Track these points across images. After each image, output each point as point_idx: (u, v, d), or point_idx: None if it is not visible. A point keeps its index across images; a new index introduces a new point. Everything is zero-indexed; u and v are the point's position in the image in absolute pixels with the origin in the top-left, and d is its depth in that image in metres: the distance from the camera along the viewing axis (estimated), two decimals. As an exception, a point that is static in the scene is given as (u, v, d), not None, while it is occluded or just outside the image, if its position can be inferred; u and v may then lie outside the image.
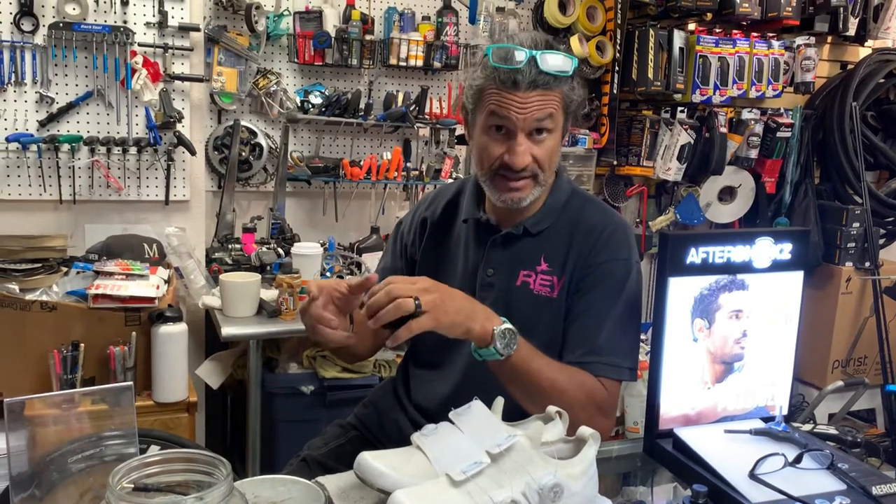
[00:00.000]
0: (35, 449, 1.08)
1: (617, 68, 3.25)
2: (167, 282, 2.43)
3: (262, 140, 2.95)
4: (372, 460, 1.03)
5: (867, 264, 3.49)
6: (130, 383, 1.15)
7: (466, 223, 1.53)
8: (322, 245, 2.71)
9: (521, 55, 1.33)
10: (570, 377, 1.34)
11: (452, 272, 1.52)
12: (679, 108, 3.33)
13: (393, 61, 3.00)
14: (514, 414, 1.14)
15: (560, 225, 1.47)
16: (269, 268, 2.68)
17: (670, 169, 3.34)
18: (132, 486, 0.84)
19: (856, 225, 3.48)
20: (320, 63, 2.94)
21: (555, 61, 1.35)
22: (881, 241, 3.64)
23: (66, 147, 2.53)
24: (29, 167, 2.53)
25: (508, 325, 1.26)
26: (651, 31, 3.18)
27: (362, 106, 3.00)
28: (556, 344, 1.41)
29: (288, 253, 2.67)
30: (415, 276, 1.44)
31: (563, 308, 1.43)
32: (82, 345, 2.15)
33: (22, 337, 2.15)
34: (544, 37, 1.42)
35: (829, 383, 2.83)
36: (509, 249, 1.48)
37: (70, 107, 2.55)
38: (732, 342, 1.35)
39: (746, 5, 3.17)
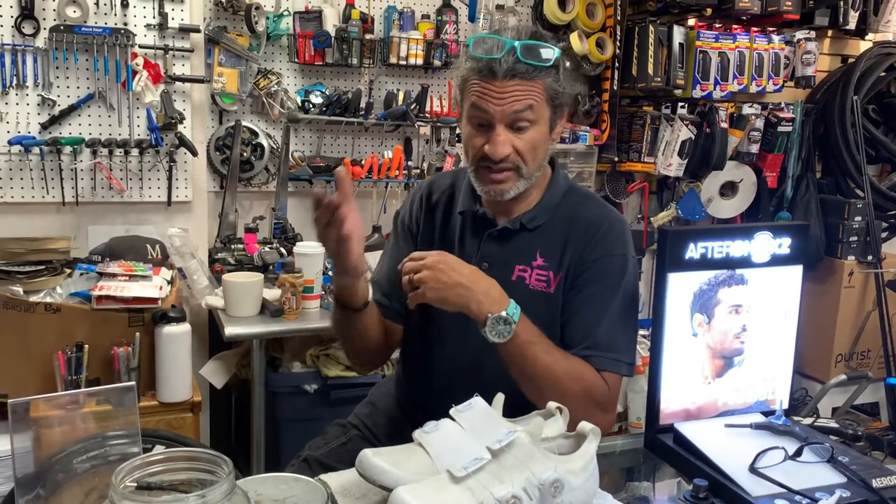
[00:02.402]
0: (40, 450, 1.09)
1: (617, 64, 3.24)
2: (170, 282, 2.44)
3: (263, 140, 2.95)
4: (373, 457, 1.04)
5: (869, 258, 3.48)
6: (133, 383, 1.16)
7: (462, 215, 1.54)
8: (324, 244, 2.71)
9: (498, 45, 1.34)
10: (570, 369, 1.35)
11: None
12: (679, 104, 3.33)
13: (393, 60, 3.01)
14: (515, 409, 1.14)
15: (556, 220, 1.48)
16: (271, 267, 2.68)
17: (671, 164, 3.34)
18: (135, 484, 0.84)
19: (858, 219, 3.47)
20: (320, 63, 2.94)
21: (534, 51, 1.35)
22: (883, 235, 3.64)
23: (68, 149, 2.54)
24: (31, 170, 2.54)
25: (504, 315, 1.29)
26: (651, 27, 3.18)
27: (363, 105, 3.00)
28: (553, 339, 1.41)
29: (290, 252, 2.68)
30: None
31: (560, 303, 1.44)
32: (86, 346, 2.16)
33: (26, 339, 2.16)
34: (531, 28, 1.42)
35: (832, 377, 2.83)
36: (505, 244, 1.48)
37: (71, 109, 2.56)
38: (732, 337, 1.36)
39: (746, 0, 3.17)
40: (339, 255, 1.36)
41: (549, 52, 1.37)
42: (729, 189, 3.59)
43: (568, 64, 1.43)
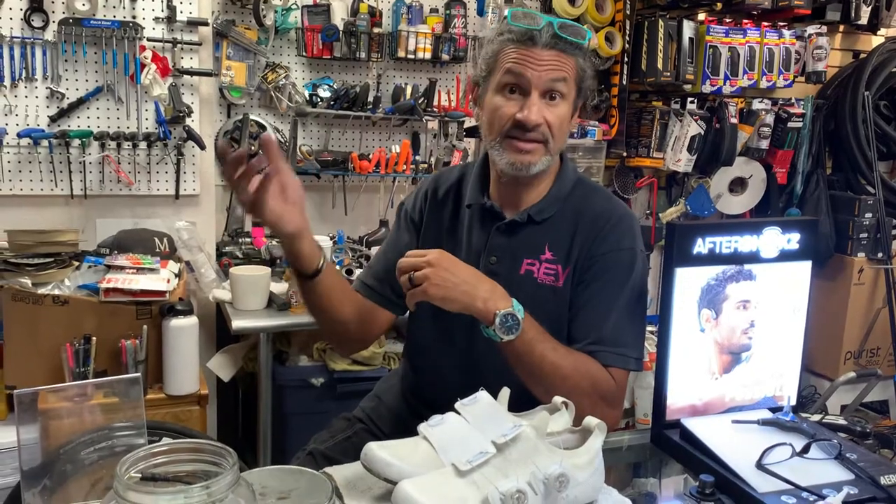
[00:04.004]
0: (48, 441, 1.09)
1: (626, 59, 3.23)
2: (178, 275, 2.44)
3: (271, 134, 2.95)
4: (378, 450, 1.03)
5: (880, 255, 3.46)
6: (138, 374, 1.17)
7: (470, 208, 1.53)
8: (331, 238, 2.72)
9: (536, 17, 1.37)
10: (576, 364, 1.34)
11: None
12: (689, 99, 3.31)
13: (401, 54, 3.00)
14: (520, 404, 1.14)
15: (565, 213, 1.47)
16: (278, 261, 2.69)
17: (680, 160, 3.33)
18: (140, 475, 0.84)
19: (868, 215, 3.45)
20: (328, 56, 2.94)
21: (570, 29, 1.38)
22: (894, 232, 3.61)
23: (76, 142, 2.55)
24: (40, 162, 2.55)
25: (512, 310, 1.27)
26: (660, 22, 3.17)
27: (371, 99, 3.00)
28: (561, 333, 1.41)
29: (297, 246, 2.67)
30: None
31: (568, 297, 1.43)
32: (94, 338, 2.17)
33: (35, 331, 2.17)
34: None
35: (841, 375, 2.82)
36: (513, 237, 1.47)
37: (80, 102, 2.57)
38: (740, 332, 1.35)
39: (757, -6, 3.15)
40: (253, 211, 1.30)
41: (583, 33, 1.40)
42: (738, 185, 3.58)
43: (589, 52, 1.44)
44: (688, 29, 3.21)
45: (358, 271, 2.68)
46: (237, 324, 2.35)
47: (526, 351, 1.30)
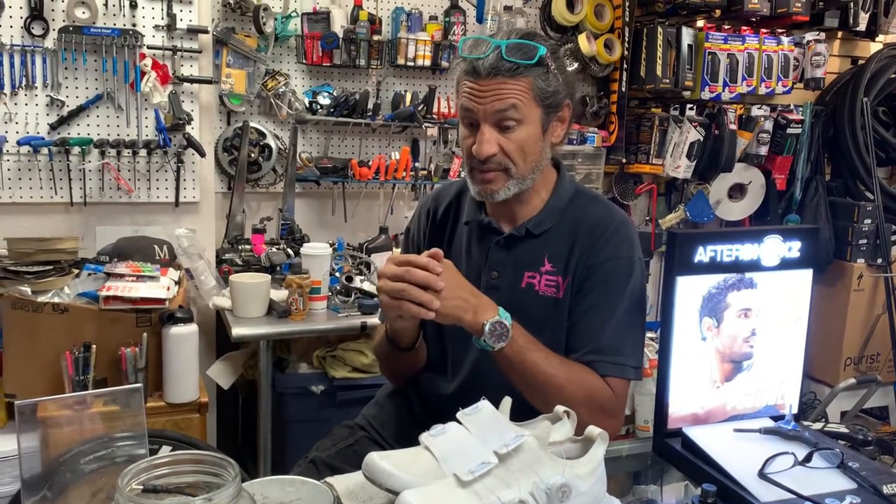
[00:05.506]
0: (48, 450, 1.09)
1: (625, 66, 3.24)
2: (178, 283, 2.44)
3: (271, 141, 2.96)
4: (380, 460, 1.03)
5: (879, 261, 3.47)
6: (139, 385, 1.16)
7: (468, 225, 1.53)
8: (331, 245, 2.72)
9: (484, 44, 1.35)
10: (570, 374, 1.34)
11: None
12: (688, 106, 3.32)
13: (401, 61, 3.01)
14: (522, 414, 1.13)
15: (563, 225, 1.47)
16: (278, 268, 2.69)
17: (680, 166, 3.33)
18: (141, 487, 0.84)
19: (867, 221, 3.46)
20: (328, 64, 2.95)
21: (518, 49, 1.35)
22: (893, 238, 3.62)
23: (76, 150, 2.55)
24: (40, 170, 2.55)
25: (500, 319, 1.28)
26: (659, 29, 3.17)
27: (370, 106, 3.00)
28: (563, 344, 1.41)
29: (297, 253, 2.68)
30: None
31: (568, 308, 1.43)
32: (94, 346, 2.16)
33: (34, 339, 2.16)
34: (525, 30, 1.42)
35: (841, 381, 2.82)
36: (512, 251, 1.47)
37: (80, 110, 2.57)
38: (741, 341, 1.34)
39: (755, 1, 3.16)
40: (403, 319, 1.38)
41: (532, 50, 1.35)
42: (737, 191, 3.58)
43: (554, 63, 1.40)
44: (686, 36, 3.22)
45: (358, 278, 2.69)
46: (237, 331, 2.35)
47: (518, 360, 1.31)
